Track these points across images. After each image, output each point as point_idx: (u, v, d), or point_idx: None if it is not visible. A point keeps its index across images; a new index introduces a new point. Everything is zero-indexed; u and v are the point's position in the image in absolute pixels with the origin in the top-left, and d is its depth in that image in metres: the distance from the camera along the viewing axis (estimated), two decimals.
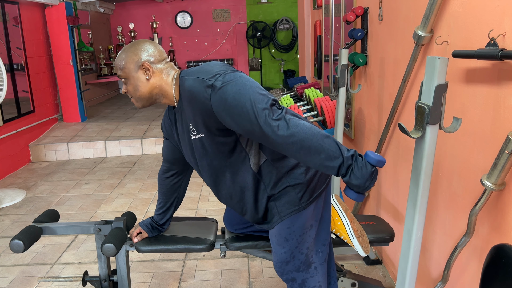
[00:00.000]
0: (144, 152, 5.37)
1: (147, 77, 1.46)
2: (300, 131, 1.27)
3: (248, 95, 1.29)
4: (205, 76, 1.35)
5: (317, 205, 1.55)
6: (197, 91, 1.35)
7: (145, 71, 1.46)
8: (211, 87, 1.32)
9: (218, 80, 1.32)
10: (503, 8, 1.30)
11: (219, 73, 1.35)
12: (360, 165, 1.27)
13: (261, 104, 1.28)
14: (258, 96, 1.29)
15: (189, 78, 1.40)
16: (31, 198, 3.96)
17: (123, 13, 8.76)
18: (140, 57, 1.45)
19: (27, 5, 5.32)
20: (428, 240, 1.90)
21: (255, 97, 1.29)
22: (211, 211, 3.48)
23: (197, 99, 1.36)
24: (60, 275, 2.61)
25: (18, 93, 4.99)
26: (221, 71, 1.36)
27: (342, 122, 2.72)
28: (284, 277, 1.59)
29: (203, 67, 1.41)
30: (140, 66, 1.46)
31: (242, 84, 1.31)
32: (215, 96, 1.31)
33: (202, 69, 1.41)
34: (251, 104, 1.28)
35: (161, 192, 1.80)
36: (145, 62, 1.45)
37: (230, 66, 1.42)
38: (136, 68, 1.46)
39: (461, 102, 1.56)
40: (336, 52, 3.70)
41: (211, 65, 1.41)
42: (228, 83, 1.31)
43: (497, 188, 1.30)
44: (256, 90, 1.31)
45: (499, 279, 1.13)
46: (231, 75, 1.34)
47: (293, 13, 8.51)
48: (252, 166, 1.48)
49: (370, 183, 1.28)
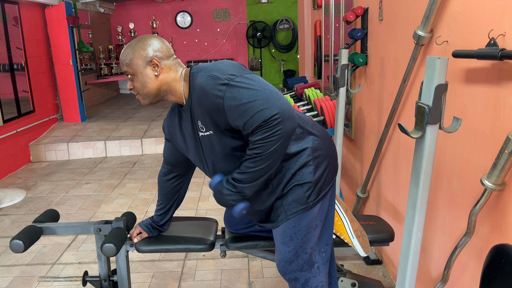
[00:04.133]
0: (144, 152, 5.37)
1: (156, 73, 1.43)
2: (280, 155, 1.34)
3: (262, 99, 1.27)
4: (220, 74, 1.33)
5: (323, 205, 1.55)
6: (211, 88, 1.32)
7: (153, 67, 1.43)
8: (227, 85, 1.30)
9: (234, 81, 1.30)
10: (503, 8, 1.30)
11: (236, 75, 1.33)
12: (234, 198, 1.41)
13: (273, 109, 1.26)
14: (272, 100, 1.28)
15: (202, 75, 1.37)
16: (31, 198, 3.96)
17: (123, 13, 8.76)
18: (148, 52, 1.42)
19: (27, 5, 5.32)
20: (428, 240, 1.90)
21: (269, 102, 1.27)
22: (211, 211, 3.48)
23: (208, 97, 1.33)
24: (60, 275, 2.61)
25: (18, 93, 4.99)
26: (239, 73, 1.34)
27: (342, 122, 2.72)
28: (287, 276, 1.59)
29: (217, 65, 1.38)
30: (148, 62, 1.42)
31: (262, 88, 1.30)
32: (230, 95, 1.29)
33: (217, 67, 1.38)
34: (264, 108, 1.26)
35: (162, 194, 1.79)
36: (154, 58, 1.42)
37: (244, 66, 1.41)
38: (145, 64, 1.42)
39: (461, 102, 1.56)
40: (336, 52, 3.70)
41: (225, 63, 1.39)
42: (245, 85, 1.30)
43: (497, 188, 1.30)
44: (275, 95, 1.30)
45: (499, 279, 1.13)
46: (249, 77, 1.33)
47: (293, 13, 8.51)
48: None
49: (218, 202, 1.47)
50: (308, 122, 1.55)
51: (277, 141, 1.28)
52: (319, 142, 1.51)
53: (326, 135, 1.58)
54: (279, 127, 1.26)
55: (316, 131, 1.53)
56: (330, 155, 1.54)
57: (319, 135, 1.53)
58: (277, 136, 1.27)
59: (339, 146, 2.72)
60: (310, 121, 1.57)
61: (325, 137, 1.56)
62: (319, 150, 1.50)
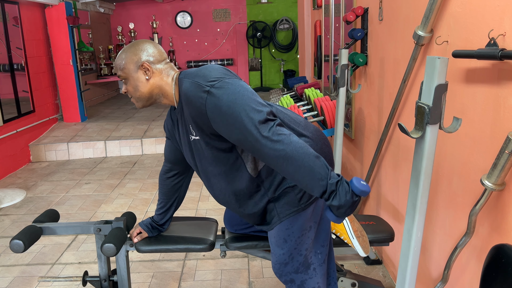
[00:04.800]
0: (144, 152, 5.37)
1: (146, 77, 1.46)
2: (292, 149, 1.26)
3: (243, 106, 1.28)
4: (202, 81, 1.34)
5: (317, 207, 1.55)
6: (193, 95, 1.34)
7: (144, 71, 1.46)
8: (207, 92, 1.31)
9: (214, 87, 1.31)
10: (503, 8, 1.30)
11: (217, 79, 1.33)
12: (344, 192, 1.25)
13: (255, 116, 1.27)
14: (253, 107, 1.28)
15: (187, 81, 1.39)
16: (31, 198, 3.96)
17: (123, 13, 8.76)
18: (140, 57, 1.45)
19: (27, 5, 5.32)
20: (428, 240, 1.90)
21: (250, 109, 1.27)
22: (211, 211, 3.48)
23: (192, 103, 1.35)
24: (60, 275, 2.61)
25: (18, 93, 4.99)
26: (219, 77, 1.34)
27: (342, 122, 2.72)
28: (282, 278, 1.59)
29: (201, 71, 1.40)
30: (139, 66, 1.45)
31: (239, 94, 1.30)
32: (210, 103, 1.30)
33: (200, 72, 1.39)
34: (245, 115, 1.27)
35: (162, 192, 1.80)
36: (145, 62, 1.45)
37: (230, 71, 1.41)
38: (136, 68, 1.46)
39: (461, 102, 1.56)
40: (336, 52, 3.70)
41: (209, 69, 1.39)
42: (224, 91, 1.30)
43: (497, 188, 1.30)
44: (252, 102, 1.30)
45: (499, 279, 1.13)
46: (229, 83, 1.32)
47: (293, 13, 8.51)
48: (250, 172, 1.47)
49: (350, 211, 1.28)
50: (300, 123, 1.53)
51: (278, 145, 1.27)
52: (310, 144, 1.49)
53: (320, 136, 1.56)
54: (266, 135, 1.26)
55: (308, 133, 1.52)
56: (323, 156, 1.53)
57: (311, 137, 1.51)
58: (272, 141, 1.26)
59: (339, 146, 2.72)
60: (302, 122, 1.55)
61: (318, 138, 1.54)
62: None
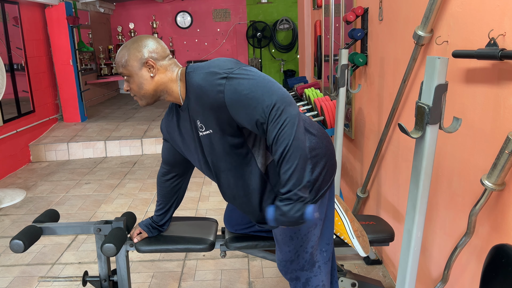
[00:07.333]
0: (144, 152, 5.37)
1: (151, 74, 1.42)
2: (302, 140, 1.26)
3: (265, 88, 1.27)
4: (218, 69, 1.33)
5: (322, 204, 1.55)
6: (209, 84, 1.32)
7: (149, 68, 1.42)
8: (226, 78, 1.30)
9: (234, 73, 1.30)
10: (503, 8, 1.30)
11: (234, 67, 1.33)
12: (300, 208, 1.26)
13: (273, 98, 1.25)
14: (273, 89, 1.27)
15: (199, 73, 1.36)
16: (31, 198, 3.96)
17: (123, 13, 8.76)
18: (143, 54, 1.41)
19: (27, 5, 5.32)
20: (428, 240, 1.90)
21: (271, 91, 1.26)
22: (211, 211, 3.48)
23: (208, 94, 1.33)
24: (60, 275, 2.61)
25: (18, 93, 4.99)
26: (236, 66, 1.34)
27: (342, 122, 2.72)
28: (288, 276, 1.59)
29: (214, 62, 1.38)
30: (144, 63, 1.41)
31: (260, 77, 1.30)
32: (230, 88, 1.29)
33: (213, 63, 1.37)
34: (268, 97, 1.25)
35: (161, 194, 1.79)
36: (149, 59, 1.41)
37: (240, 62, 1.40)
38: (140, 65, 1.41)
39: (461, 102, 1.56)
40: (336, 52, 3.70)
41: (221, 60, 1.38)
42: (244, 76, 1.30)
43: (497, 188, 1.30)
44: (274, 85, 1.29)
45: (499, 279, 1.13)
46: (247, 69, 1.33)
47: (293, 13, 8.51)
48: (260, 167, 1.45)
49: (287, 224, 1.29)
50: (306, 121, 1.54)
51: (291, 127, 1.25)
52: (316, 141, 1.51)
53: (324, 134, 1.58)
54: (286, 115, 1.25)
55: (313, 130, 1.53)
56: (328, 154, 1.54)
57: (316, 134, 1.53)
58: (289, 122, 1.25)
59: (339, 146, 2.72)
60: (307, 120, 1.56)
61: (322, 136, 1.56)
62: (317, 149, 1.50)
